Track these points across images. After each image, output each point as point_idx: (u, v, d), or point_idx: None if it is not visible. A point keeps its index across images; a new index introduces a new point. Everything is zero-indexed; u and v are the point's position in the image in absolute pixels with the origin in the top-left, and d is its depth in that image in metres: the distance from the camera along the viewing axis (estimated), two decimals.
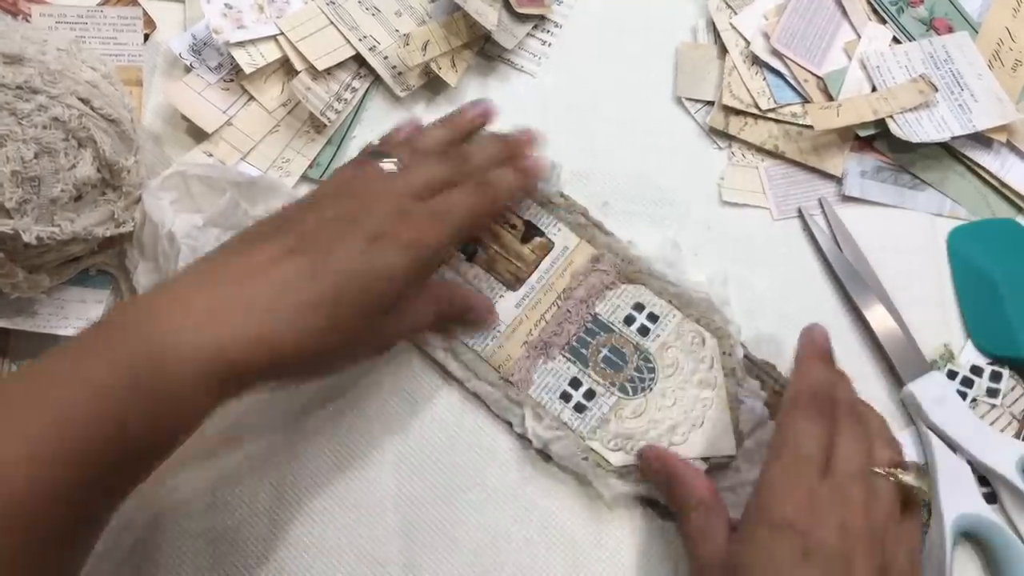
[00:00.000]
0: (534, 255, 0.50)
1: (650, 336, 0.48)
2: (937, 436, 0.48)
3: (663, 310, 0.49)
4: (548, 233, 0.50)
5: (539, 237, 0.50)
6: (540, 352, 0.48)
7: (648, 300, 0.49)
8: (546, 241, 0.50)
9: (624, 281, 0.49)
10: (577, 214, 0.51)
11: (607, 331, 0.48)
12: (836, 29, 0.58)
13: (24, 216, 0.41)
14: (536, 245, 0.50)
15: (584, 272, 0.49)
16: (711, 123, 0.55)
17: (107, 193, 0.45)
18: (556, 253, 0.50)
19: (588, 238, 0.50)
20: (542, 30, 0.57)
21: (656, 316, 0.49)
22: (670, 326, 0.48)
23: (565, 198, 0.51)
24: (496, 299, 0.49)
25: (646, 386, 0.47)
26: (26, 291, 0.45)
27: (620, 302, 0.49)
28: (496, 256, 0.50)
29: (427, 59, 0.52)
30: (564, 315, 0.48)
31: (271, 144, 0.52)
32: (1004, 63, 0.57)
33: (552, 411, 0.46)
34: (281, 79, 0.53)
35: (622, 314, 0.49)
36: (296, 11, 0.53)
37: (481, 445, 0.47)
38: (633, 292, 0.49)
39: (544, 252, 0.50)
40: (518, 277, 0.49)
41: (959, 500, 0.46)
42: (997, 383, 0.50)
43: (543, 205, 0.51)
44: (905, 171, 0.55)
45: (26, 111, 0.41)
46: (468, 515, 0.46)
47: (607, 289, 0.49)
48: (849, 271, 0.52)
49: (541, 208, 0.51)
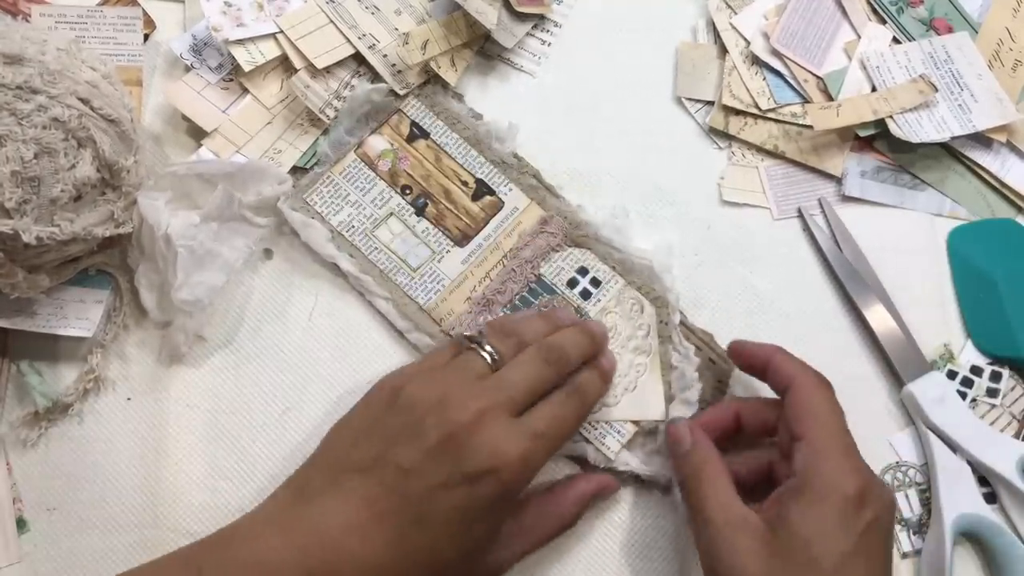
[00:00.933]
0: (483, 213, 0.51)
1: (591, 300, 0.49)
2: (937, 436, 0.48)
3: (606, 276, 0.50)
4: (499, 192, 0.52)
5: (489, 196, 0.51)
6: (482, 308, 0.49)
7: (592, 265, 0.50)
8: (496, 200, 0.51)
9: (570, 244, 0.51)
10: (529, 176, 0.52)
11: (550, 292, 0.49)
12: (836, 29, 0.58)
13: (24, 216, 0.41)
14: (486, 203, 0.51)
15: (532, 233, 0.51)
16: (711, 123, 0.55)
17: (107, 193, 0.45)
18: (505, 212, 0.51)
19: (539, 200, 0.52)
20: (542, 29, 0.57)
21: (599, 281, 0.50)
22: (611, 292, 0.49)
23: (519, 159, 0.53)
24: (443, 254, 0.50)
25: None
26: (26, 291, 0.44)
27: (565, 265, 0.50)
28: (445, 211, 0.51)
29: (427, 58, 0.52)
30: (509, 274, 0.50)
31: (264, 135, 0.52)
32: (1004, 63, 0.57)
33: None
34: (280, 76, 0.53)
35: (566, 277, 0.50)
36: (296, 9, 0.53)
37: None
38: (578, 256, 0.50)
39: (494, 211, 0.51)
40: (466, 234, 0.51)
41: (959, 500, 0.46)
42: (997, 383, 0.50)
43: (496, 164, 0.52)
44: (905, 171, 0.55)
45: (26, 111, 0.41)
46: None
47: (553, 251, 0.50)
48: (849, 271, 0.52)
49: (494, 167, 0.52)
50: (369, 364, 0.49)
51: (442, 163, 0.52)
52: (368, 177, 0.52)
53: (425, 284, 0.50)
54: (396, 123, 0.53)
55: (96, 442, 0.47)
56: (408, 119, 0.53)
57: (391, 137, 0.52)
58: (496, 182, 0.52)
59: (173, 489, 0.46)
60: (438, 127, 0.53)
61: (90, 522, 0.46)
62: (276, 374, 0.49)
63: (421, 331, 0.49)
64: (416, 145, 0.52)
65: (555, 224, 0.51)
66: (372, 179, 0.51)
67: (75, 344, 0.48)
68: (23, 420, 0.46)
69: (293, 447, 0.47)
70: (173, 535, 0.45)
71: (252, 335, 0.49)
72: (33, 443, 0.46)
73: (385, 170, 0.52)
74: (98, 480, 0.46)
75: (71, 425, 0.47)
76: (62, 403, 0.47)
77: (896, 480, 0.48)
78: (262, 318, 0.50)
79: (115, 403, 0.48)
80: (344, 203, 0.51)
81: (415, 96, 0.53)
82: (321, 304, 0.50)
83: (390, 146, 0.52)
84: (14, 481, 0.46)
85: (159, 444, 0.47)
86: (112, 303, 0.49)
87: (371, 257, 0.50)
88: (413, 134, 0.53)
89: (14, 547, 0.45)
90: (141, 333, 0.49)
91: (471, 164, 0.52)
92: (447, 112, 0.53)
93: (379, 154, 0.52)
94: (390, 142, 0.52)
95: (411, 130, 0.53)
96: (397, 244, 0.50)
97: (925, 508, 0.48)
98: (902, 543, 0.47)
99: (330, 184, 0.51)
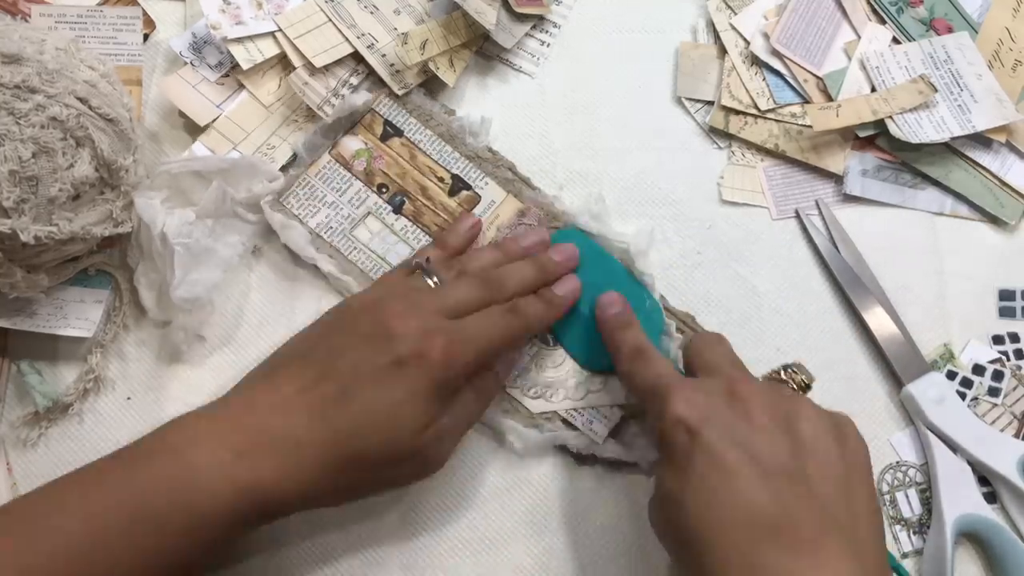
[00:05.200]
0: (461, 208, 0.51)
1: None
2: (937, 436, 0.48)
3: None
4: (475, 187, 0.52)
5: (466, 191, 0.52)
6: None
7: None
8: (473, 195, 0.52)
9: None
10: (504, 169, 0.52)
11: None
12: (836, 29, 0.57)
13: (22, 216, 0.41)
14: (463, 198, 0.51)
15: (510, 225, 0.51)
16: (711, 123, 0.55)
17: (105, 193, 0.45)
18: (483, 207, 0.51)
19: (515, 192, 0.52)
20: (541, 30, 0.57)
21: None
22: None
23: (493, 153, 0.53)
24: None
25: None
26: (25, 291, 0.44)
27: None
28: (423, 208, 0.51)
29: (425, 58, 0.52)
30: None
31: (258, 131, 0.52)
32: (1004, 63, 0.57)
33: None
34: (278, 75, 0.53)
35: None
36: (294, 8, 0.53)
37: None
38: None
39: (471, 205, 0.51)
40: (444, 230, 0.51)
41: (960, 500, 0.46)
42: (999, 382, 0.50)
43: (471, 159, 0.52)
44: (906, 169, 0.54)
45: (24, 110, 0.41)
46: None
47: None
48: (847, 272, 0.52)
49: (469, 162, 0.52)
50: None
51: (417, 160, 0.52)
52: (343, 177, 0.51)
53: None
54: (369, 122, 0.53)
55: (96, 442, 0.47)
56: (381, 118, 0.53)
57: (365, 137, 0.52)
58: (472, 176, 0.52)
59: None
60: (411, 124, 0.53)
61: None
62: None
63: None
64: (390, 143, 0.52)
65: (532, 215, 0.51)
66: (348, 179, 0.51)
67: (75, 344, 0.48)
68: (23, 420, 0.46)
69: None
70: None
71: (252, 335, 0.49)
72: (33, 443, 0.47)
73: (360, 170, 0.52)
74: None
75: (71, 425, 0.47)
76: (62, 403, 0.47)
77: (896, 480, 0.48)
78: (262, 317, 0.50)
79: (115, 403, 0.48)
80: (321, 204, 0.51)
81: (386, 95, 0.53)
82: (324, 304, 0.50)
83: (364, 145, 0.52)
84: (14, 481, 0.46)
85: None
86: (112, 303, 0.49)
87: (351, 257, 0.50)
88: (387, 132, 0.53)
89: None
90: (141, 333, 0.49)
91: (446, 160, 0.52)
92: (420, 109, 0.53)
93: (353, 154, 0.52)
94: (364, 142, 0.52)
95: (384, 128, 0.53)
96: (376, 243, 0.51)
97: (925, 508, 0.48)
98: (903, 543, 0.47)
99: (306, 186, 0.51)
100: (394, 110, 0.53)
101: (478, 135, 0.53)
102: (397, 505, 0.47)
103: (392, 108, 0.53)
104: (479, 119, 0.53)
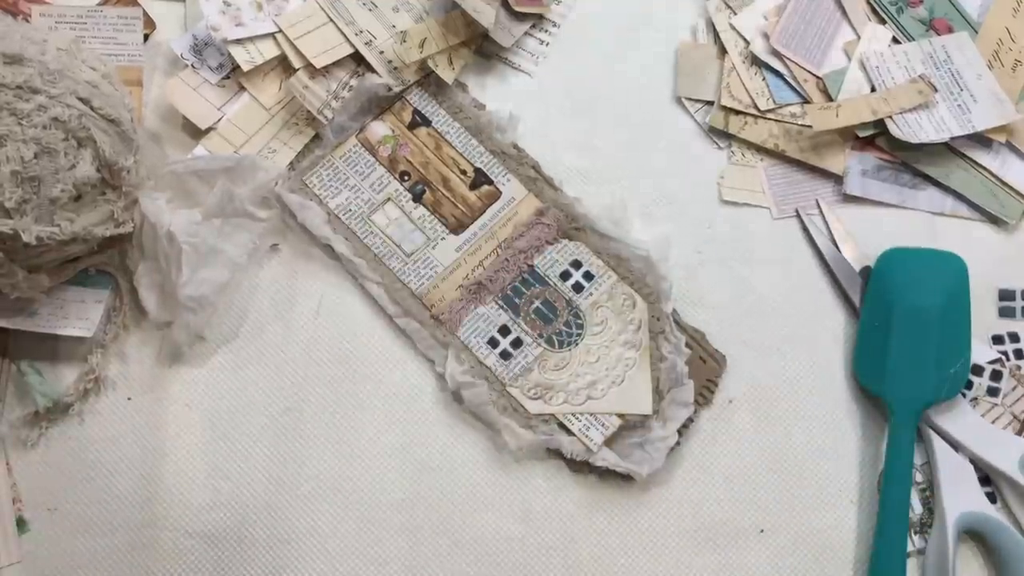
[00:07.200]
0: (480, 202, 0.51)
1: (583, 293, 0.50)
2: (938, 435, 0.48)
3: (599, 270, 0.50)
4: (497, 182, 0.52)
5: (487, 185, 0.52)
6: (474, 296, 0.49)
7: (586, 258, 0.50)
8: (494, 190, 0.52)
9: (565, 237, 0.51)
10: (528, 167, 0.52)
11: (542, 284, 0.50)
12: (836, 29, 0.58)
13: (24, 216, 0.41)
14: (483, 192, 0.52)
15: (528, 224, 0.51)
16: (711, 123, 0.55)
17: (107, 193, 0.45)
18: (502, 202, 0.52)
19: (536, 191, 0.52)
20: (540, 29, 0.57)
21: (592, 275, 0.50)
22: (604, 286, 0.50)
23: (518, 150, 0.53)
24: (437, 241, 0.50)
25: (573, 341, 0.49)
26: (26, 291, 0.44)
27: (559, 257, 0.50)
28: (443, 199, 0.51)
29: (424, 56, 0.52)
30: (502, 263, 0.50)
31: (259, 134, 0.52)
32: (1004, 63, 0.57)
33: (478, 355, 0.48)
34: (279, 77, 0.53)
35: (559, 269, 0.50)
36: (295, 8, 0.53)
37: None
38: (572, 249, 0.51)
39: (490, 200, 0.51)
40: (462, 222, 0.51)
41: (961, 499, 0.46)
42: (998, 382, 0.50)
43: (496, 154, 0.52)
44: (906, 169, 0.55)
45: (26, 111, 0.41)
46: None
47: (548, 243, 0.51)
48: (847, 271, 0.52)
49: (494, 157, 0.52)
50: (371, 366, 0.49)
51: (442, 151, 0.52)
52: (368, 162, 0.52)
53: (418, 270, 0.50)
54: (399, 110, 0.53)
55: (96, 442, 0.47)
56: (411, 106, 0.53)
57: (393, 124, 0.53)
58: (495, 172, 0.52)
59: (173, 489, 0.46)
60: (440, 115, 0.53)
61: (90, 522, 0.46)
62: (276, 374, 0.48)
63: (411, 316, 0.49)
64: (417, 132, 0.53)
65: (551, 215, 0.51)
66: (372, 164, 0.52)
67: (75, 344, 0.48)
68: (23, 420, 0.46)
69: (293, 447, 0.47)
70: (173, 535, 0.45)
71: (253, 335, 0.49)
72: (33, 443, 0.46)
73: (385, 156, 0.52)
74: (98, 480, 0.46)
75: (71, 425, 0.47)
76: (62, 403, 0.47)
77: None
78: (263, 319, 0.50)
79: (115, 403, 0.48)
80: (343, 186, 0.51)
81: (418, 85, 0.54)
82: (324, 306, 0.50)
83: (391, 132, 0.53)
84: (14, 481, 0.46)
85: (159, 444, 0.47)
86: (112, 303, 0.49)
87: (366, 241, 0.50)
88: (415, 121, 0.53)
89: (14, 547, 0.45)
90: (141, 333, 0.49)
91: (471, 153, 0.52)
92: (450, 101, 0.53)
93: (380, 140, 0.52)
94: (392, 128, 0.53)
95: (413, 117, 0.53)
96: (393, 229, 0.51)
97: (927, 507, 0.48)
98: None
99: (330, 167, 0.51)
100: (424, 100, 0.53)
101: (505, 131, 0.53)
102: (397, 505, 0.47)
103: (423, 98, 0.53)
104: (507, 115, 0.53)
